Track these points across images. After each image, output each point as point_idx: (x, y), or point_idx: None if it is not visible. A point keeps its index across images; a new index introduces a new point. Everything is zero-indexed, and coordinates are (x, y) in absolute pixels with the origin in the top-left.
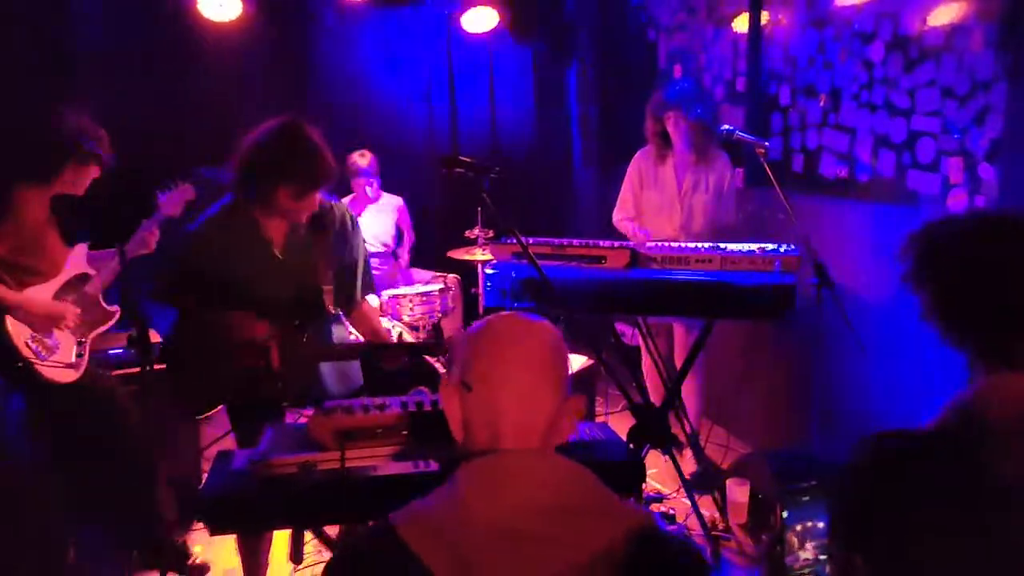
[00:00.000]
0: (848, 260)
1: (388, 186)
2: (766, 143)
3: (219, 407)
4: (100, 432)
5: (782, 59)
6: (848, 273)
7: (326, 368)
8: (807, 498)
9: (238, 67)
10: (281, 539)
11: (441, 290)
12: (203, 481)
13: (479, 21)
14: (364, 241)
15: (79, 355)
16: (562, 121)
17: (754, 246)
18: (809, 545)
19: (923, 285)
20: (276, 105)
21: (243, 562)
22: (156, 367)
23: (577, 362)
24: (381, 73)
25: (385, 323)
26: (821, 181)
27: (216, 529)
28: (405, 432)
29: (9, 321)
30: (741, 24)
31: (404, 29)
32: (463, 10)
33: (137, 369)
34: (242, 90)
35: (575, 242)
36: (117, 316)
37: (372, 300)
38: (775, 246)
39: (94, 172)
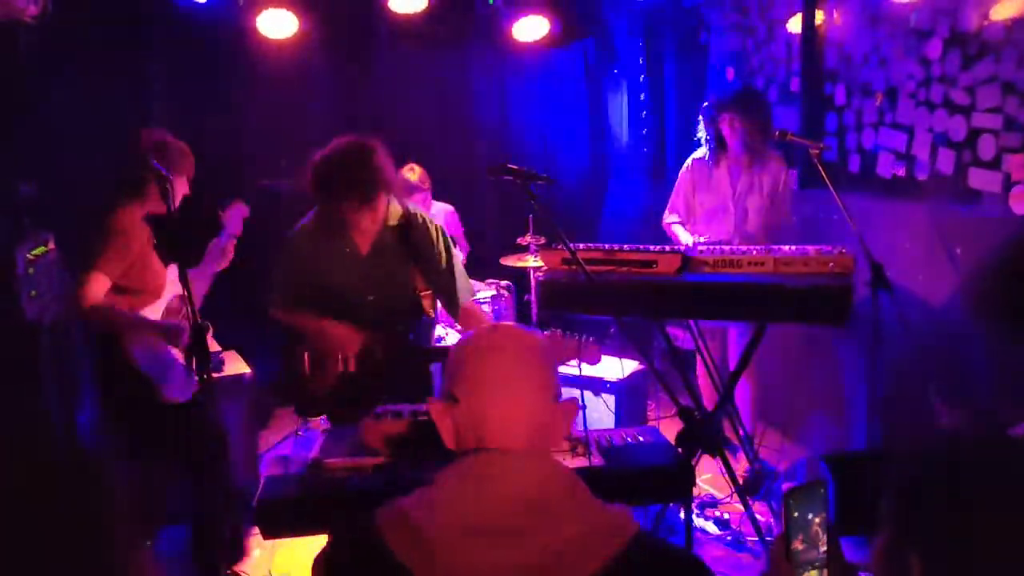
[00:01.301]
0: (906, 261)
1: (442, 196)
2: (821, 144)
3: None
4: (197, 449)
5: (837, 58)
6: (905, 274)
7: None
8: (817, 492)
9: (295, 82)
10: None
11: (494, 297)
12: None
13: (530, 29)
14: (454, 247)
15: (189, 373)
16: (614, 126)
17: (809, 247)
18: (819, 540)
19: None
20: (331, 117)
21: None
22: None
23: (628, 367)
24: (433, 85)
25: (439, 331)
26: (878, 181)
27: (269, 533)
28: None
29: (131, 343)
30: (795, 24)
31: (458, 37)
32: (514, 19)
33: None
34: (299, 104)
35: (625, 247)
36: (211, 332)
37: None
38: (830, 247)
39: (182, 187)
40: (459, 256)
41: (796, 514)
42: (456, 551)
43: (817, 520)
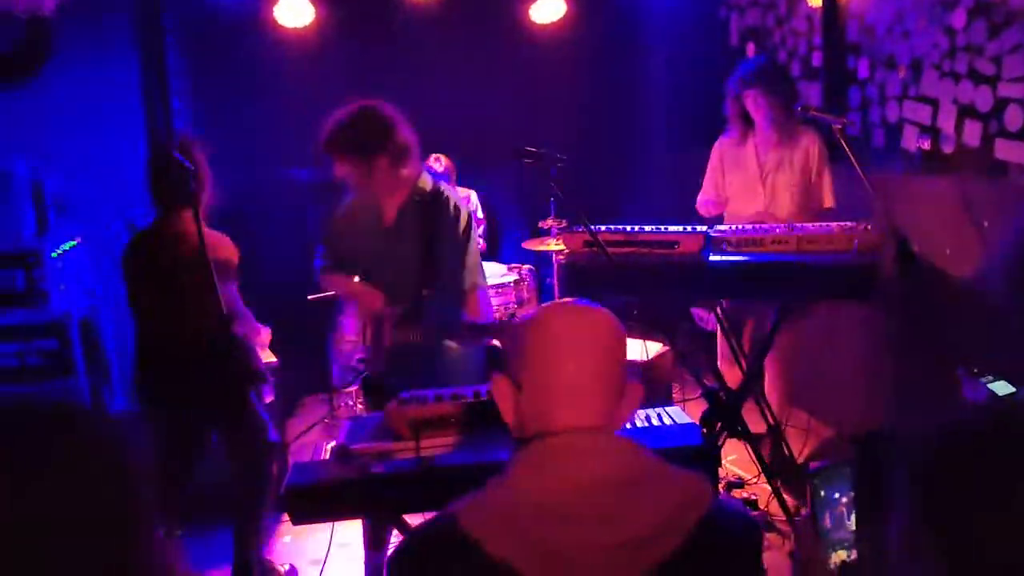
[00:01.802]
0: (933, 235)
1: (468, 181)
2: (844, 119)
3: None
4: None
5: (859, 31)
6: (933, 248)
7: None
8: (843, 471)
9: (312, 71)
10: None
11: (516, 281)
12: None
13: (547, 10)
14: (476, 235)
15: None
16: (632, 103)
17: (832, 224)
18: (846, 521)
19: None
20: (348, 105)
21: (364, 534)
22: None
23: (652, 349)
24: (456, 70)
25: None
26: (903, 155)
27: (298, 518)
28: (478, 421)
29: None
30: None
31: (473, 24)
32: (531, 2)
33: None
34: (316, 93)
35: (646, 228)
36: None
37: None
38: (853, 224)
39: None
40: (478, 245)
41: (823, 493)
42: (547, 535)
43: (844, 500)
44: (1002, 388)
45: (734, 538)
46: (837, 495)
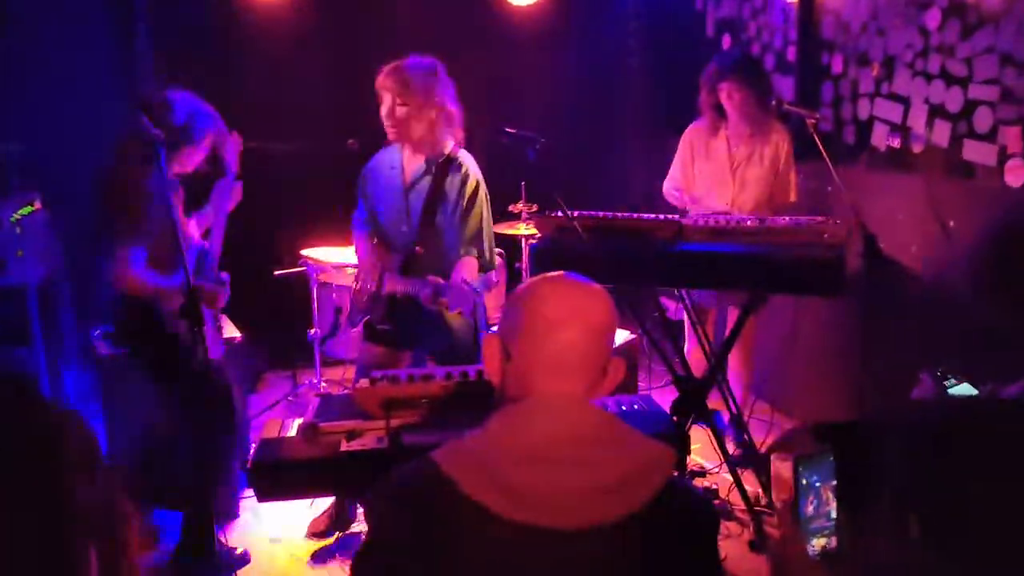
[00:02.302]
0: (899, 232)
1: None
2: (817, 114)
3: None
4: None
5: (834, 27)
6: (899, 246)
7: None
8: (825, 458)
9: (287, 44)
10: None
11: None
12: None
13: None
14: (487, 210)
15: (218, 329)
16: (607, 91)
17: (802, 218)
18: (827, 506)
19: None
20: (323, 79)
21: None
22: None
23: (620, 336)
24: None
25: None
26: (873, 152)
27: (263, 495)
28: (449, 401)
29: (163, 307)
30: None
31: (452, 2)
32: None
33: None
34: (291, 67)
35: (619, 215)
36: (228, 283)
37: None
38: (823, 218)
39: (199, 153)
40: (488, 219)
41: (804, 481)
42: (528, 480)
43: (825, 487)
44: (964, 391)
45: (695, 507)
46: (819, 482)
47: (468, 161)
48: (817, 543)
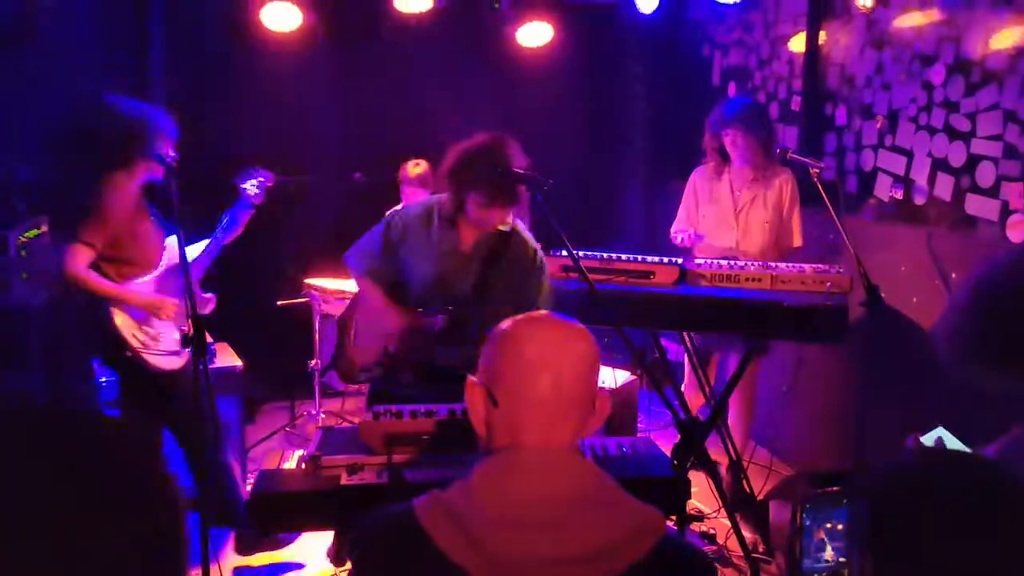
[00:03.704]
0: (901, 283)
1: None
2: (821, 163)
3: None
4: (190, 418)
5: (839, 79)
6: (900, 297)
7: None
8: (828, 500)
9: (297, 77)
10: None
11: None
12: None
13: (535, 35)
14: (550, 287)
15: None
16: (614, 137)
17: (806, 266)
18: (829, 548)
19: (980, 323)
20: (333, 113)
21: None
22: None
23: (620, 377)
24: (437, 83)
25: None
26: (876, 202)
27: (262, 526)
28: (452, 438)
29: (115, 313)
30: (798, 43)
31: (461, 41)
32: (518, 24)
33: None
34: (301, 99)
35: (623, 257)
36: (213, 304)
37: None
38: (826, 266)
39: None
40: (550, 289)
41: (808, 523)
42: (500, 542)
43: (825, 529)
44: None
45: (690, 560)
46: (820, 525)
47: (524, 231)
48: None
